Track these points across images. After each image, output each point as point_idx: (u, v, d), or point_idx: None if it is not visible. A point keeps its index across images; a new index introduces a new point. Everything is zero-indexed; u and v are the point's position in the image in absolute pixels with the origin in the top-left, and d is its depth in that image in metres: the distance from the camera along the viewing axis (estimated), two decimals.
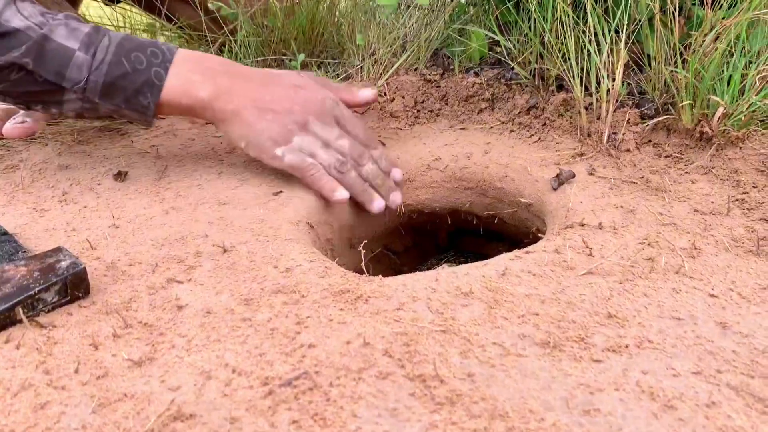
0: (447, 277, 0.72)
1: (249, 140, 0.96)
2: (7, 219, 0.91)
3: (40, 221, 0.91)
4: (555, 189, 0.91)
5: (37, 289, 0.67)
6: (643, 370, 0.57)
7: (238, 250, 0.81)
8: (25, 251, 0.77)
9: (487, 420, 0.52)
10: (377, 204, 0.99)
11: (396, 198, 1.01)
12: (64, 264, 0.71)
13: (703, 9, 0.94)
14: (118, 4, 1.62)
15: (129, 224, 0.89)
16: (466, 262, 1.16)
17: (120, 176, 1.03)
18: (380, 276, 0.75)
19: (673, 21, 0.94)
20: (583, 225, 0.81)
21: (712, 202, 0.83)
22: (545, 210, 0.92)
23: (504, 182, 1.01)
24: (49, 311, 0.68)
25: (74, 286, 0.70)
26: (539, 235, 0.95)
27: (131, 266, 0.79)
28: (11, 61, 0.88)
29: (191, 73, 0.94)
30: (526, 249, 0.78)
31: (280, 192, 0.97)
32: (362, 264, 0.77)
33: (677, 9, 0.93)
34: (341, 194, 0.95)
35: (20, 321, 0.66)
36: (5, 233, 0.80)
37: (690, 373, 0.57)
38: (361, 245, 0.80)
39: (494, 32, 1.12)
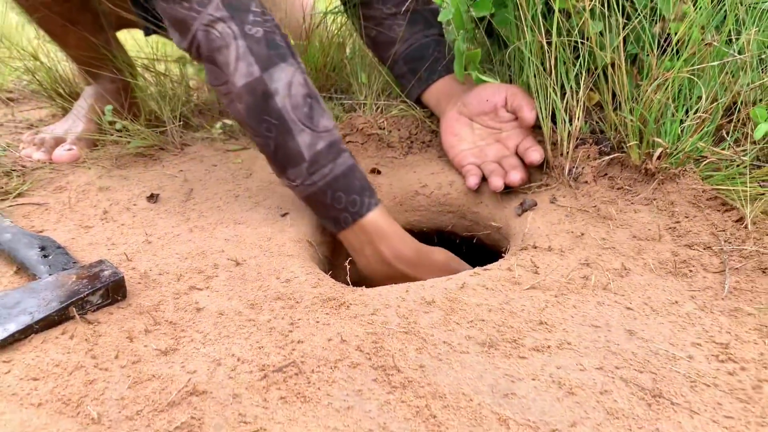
0: (415, 288, 0.88)
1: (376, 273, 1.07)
2: (59, 234, 1.09)
3: (85, 236, 1.09)
4: (519, 215, 1.07)
5: (85, 293, 0.85)
6: (557, 365, 0.72)
7: (249, 263, 0.98)
8: (75, 262, 0.95)
9: (428, 400, 0.68)
10: None
11: None
12: (106, 273, 0.88)
13: (650, 56, 1.09)
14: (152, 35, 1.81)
15: (159, 240, 1.07)
16: None
17: (152, 198, 1.21)
18: (363, 287, 0.91)
19: (629, 71, 1.09)
20: (536, 247, 0.96)
21: (649, 230, 0.98)
22: (510, 233, 1.08)
23: (479, 207, 1.16)
24: (94, 311, 0.86)
25: (114, 291, 0.87)
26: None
27: (160, 275, 0.96)
28: (250, 125, 1.02)
29: (362, 245, 1.05)
30: (484, 267, 0.93)
31: (287, 213, 1.13)
32: (347, 277, 0.93)
33: (627, 61, 1.08)
34: None
35: (73, 317, 0.83)
36: (59, 247, 0.98)
37: (594, 368, 0.72)
38: (347, 261, 0.96)
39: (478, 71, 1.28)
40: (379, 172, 1.28)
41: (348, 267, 0.95)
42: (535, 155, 1.12)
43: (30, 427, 0.66)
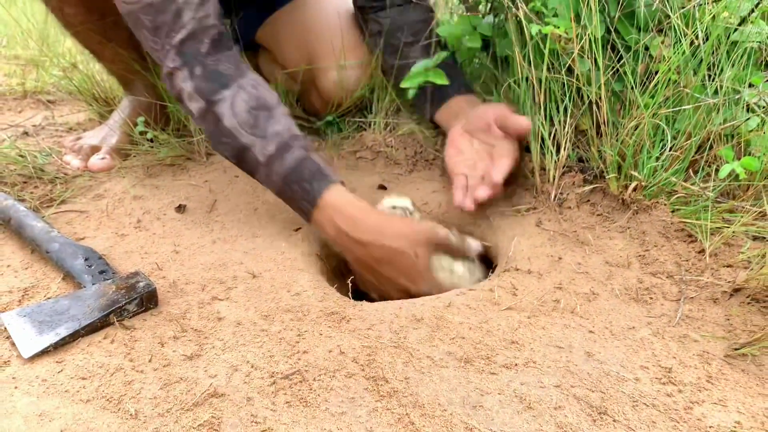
0: (408, 306, 1.01)
1: (362, 282, 1.19)
2: (98, 241, 1.24)
3: (121, 244, 1.23)
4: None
5: (123, 302, 0.99)
6: (521, 381, 0.85)
7: (264, 276, 1.11)
8: (114, 272, 1.09)
9: (409, 408, 0.81)
10: None
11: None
12: (141, 284, 1.02)
13: (634, 94, 1.19)
14: None
15: (186, 250, 1.20)
16: None
17: (180, 209, 1.34)
18: (363, 301, 1.04)
19: (613, 107, 1.20)
20: (517, 269, 1.09)
21: (620, 256, 1.09)
22: (499, 253, 1.20)
23: (473, 228, 1.28)
24: (131, 318, 1.00)
25: (148, 300, 1.01)
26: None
27: (187, 285, 1.10)
28: (218, 147, 1.21)
29: (328, 221, 1.15)
30: (470, 288, 1.06)
31: (299, 228, 1.27)
32: (349, 293, 1.06)
33: (612, 99, 1.19)
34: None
35: (113, 324, 0.98)
36: (100, 257, 1.12)
37: (552, 386, 0.84)
38: (349, 279, 1.09)
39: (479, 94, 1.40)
40: (385, 188, 1.40)
41: (350, 284, 1.07)
42: (496, 174, 1.21)
43: (81, 420, 0.80)
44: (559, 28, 1.16)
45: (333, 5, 1.65)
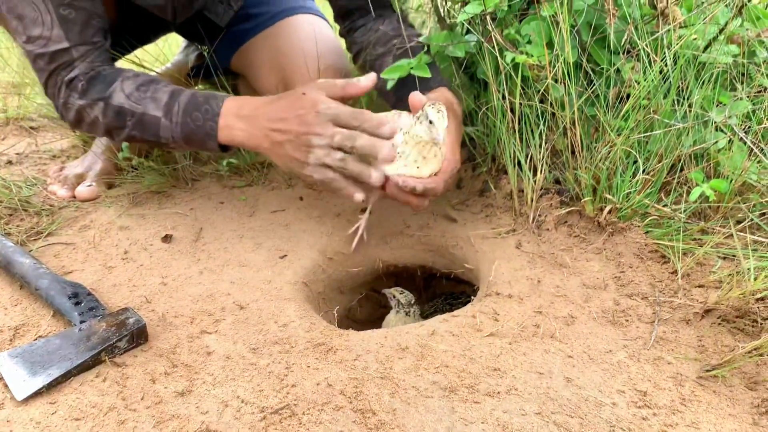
0: (393, 335, 1.04)
1: (282, 166, 1.24)
2: (86, 275, 1.25)
3: (109, 277, 1.25)
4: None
5: (114, 339, 1.01)
6: (504, 409, 0.88)
7: (251, 307, 1.13)
8: (103, 308, 1.11)
9: None
10: (358, 196, 1.19)
11: (376, 175, 1.17)
12: (131, 320, 1.04)
13: (606, 118, 1.23)
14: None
15: (174, 282, 1.22)
16: (453, 305, 1.46)
17: (167, 239, 1.36)
18: (348, 331, 1.07)
19: (586, 131, 1.23)
20: (498, 294, 1.12)
21: (597, 278, 1.13)
22: (480, 276, 1.23)
23: (455, 249, 1.32)
24: (122, 354, 1.02)
25: (138, 336, 1.03)
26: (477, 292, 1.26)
27: (176, 318, 1.12)
28: (127, 134, 1.32)
29: (233, 122, 1.25)
30: (453, 314, 1.09)
31: (285, 255, 1.29)
32: (335, 322, 1.09)
33: (586, 124, 1.23)
34: (359, 196, 1.18)
35: (104, 361, 1.00)
36: (89, 293, 1.14)
37: (533, 413, 0.87)
38: (335, 309, 1.12)
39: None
40: (369, 211, 1.43)
41: (336, 314, 1.10)
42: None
43: None
44: (532, 57, 1.19)
45: (307, 31, 1.67)
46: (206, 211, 1.47)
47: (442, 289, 1.62)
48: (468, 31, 1.58)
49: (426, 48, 1.48)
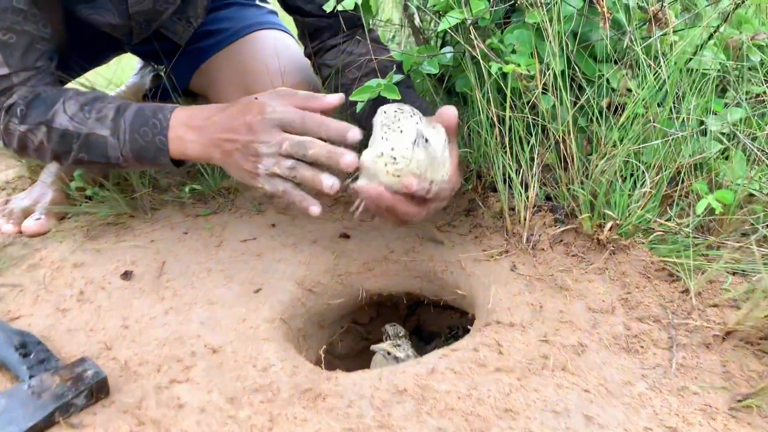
0: (388, 375, 0.93)
1: (237, 177, 1.13)
2: (36, 320, 1.12)
3: (62, 321, 1.12)
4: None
5: (70, 396, 0.88)
6: None
7: (225, 350, 1.02)
8: (56, 360, 0.98)
9: None
10: (314, 209, 1.07)
11: (328, 182, 1.03)
12: (89, 373, 0.92)
13: (600, 129, 1.16)
14: None
15: (136, 324, 1.10)
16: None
17: (126, 276, 1.23)
18: (337, 372, 0.96)
19: (579, 144, 1.16)
20: (499, 323, 1.02)
21: (603, 301, 1.04)
22: (475, 303, 1.14)
23: (445, 274, 1.22)
24: (79, 413, 0.89)
25: (98, 391, 0.91)
26: (473, 319, 1.16)
27: (140, 366, 0.99)
28: (74, 157, 1.21)
29: (184, 134, 1.15)
30: (452, 347, 0.99)
31: (260, 289, 1.18)
32: (322, 365, 0.98)
33: (578, 135, 1.15)
34: (315, 209, 1.06)
35: (58, 423, 0.87)
36: (39, 342, 1.01)
37: None
38: (321, 349, 1.01)
39: None
40: (348, 237, 1.33)
41: (323, 354, 0.99)
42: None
43: None
44: (520, 66, 1.11)
45: (270, 48, 1.57)
46: (169, 242, 1.35)
47: (426, 316, 1.52)
48: (443, 44, 1.51)
49: (396, 67, 1.39)
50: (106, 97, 1.24)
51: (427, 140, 0.99)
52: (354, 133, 1.05)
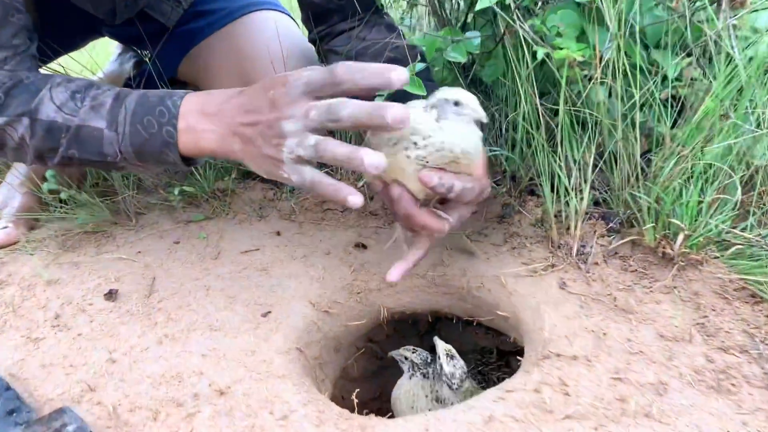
0: (435, 423, 0.78)
1: (261, 172, 0.92)
2: (3, 352, 0.94)
3: (35, 354, 0.94)
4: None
5: None
6: None
7: (234, 392, 0.85)
8: (28, 411, 0.80)
9: None
10: (354, 199, 0.85)
11: (373, 159, 0.82)
12: (70, 429, 0.74)
13: (662, 126, 1.01)
14: None
15: (125, 357, 0.93)
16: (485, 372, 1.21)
17: (110, 296, 1.06)
18: (372, 419, 0.80)
19: (639, 141, 1.01)
20: (559, 355, 0.87)
21: (676, 326, 0.90)
22: (521, 327, 0.98)
23: (481, 292, 1.06)
24: None
25: None
26: (516, 345, 1.01)
27: (132, 412, 0.83)
28: (62, 155, 1.00)
29: (197, 123, 0.95)
30: (507, 387, 0.84)
31: (269, 312, 1.01)
32: (355, 411, 0.82)
33: (638, 132, 1.00)
34: (355, 199, 0.84)
35: None
36: (8, 388, 0.83)
37: None
38: (354, 394, 0.85)
39: None
40: (365, 247, 1.16)
41: (355, 399, 0.83)
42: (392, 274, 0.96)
43: None
44: (575, 52, 0.96)
45: (270, 30, 1.39)
46: (158, 254, 1.17)
47: (447, 331, 1.37)
48: (464, 28, 1.35)
49: (415, 57, 1.22)
50: (102, 84, 1.04)
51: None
52: (401, 72, 0.81)
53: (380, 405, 1.34)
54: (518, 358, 0.97)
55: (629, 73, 0.99)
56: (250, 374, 0.88)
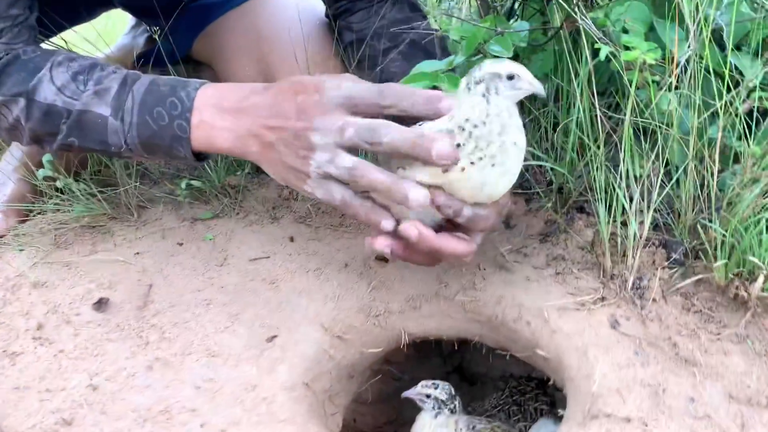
0: None
1: (279, 179, 0.85)
2: None
3: (10, 372, 0.84)
4: None
5: None
6: None
7: None
8: None
9: None
10: (387, 224, 0.80)
11: (417, 194, 0.76)
12: None
13: (742, 144, 0.86)
14: None
15: (109, 383, 0.82)
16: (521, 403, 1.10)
17: (100, 305, 0.95)
18: None
19: (710, 158, 0.86)
20: (609, 416, 0.74)
21: (749, 386, 0.76)
22: (565, 373, 0.85)
23: (518, 324, 0.93)
24: None
25: None
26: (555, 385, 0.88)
27: None
28: (61, 142, 0.93)
29: (213, 119, 0.87)
30: None
31: (275, 336, 0.89)
32: None
33: (715, 148, 0.85)
34: (388, 224, 0.80)
35: None
36: None
37: None
38: None
39: None
40: (387, 260, 1.03)
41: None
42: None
43: None
44: (647, 53, 0.81)
45: (291, 8, 1.26)
46: (158, 257, 1.06)
47: (471, 355, 1.24)
48: (509, 17, 1.20)
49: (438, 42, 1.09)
50: (108, 65, 0.96)
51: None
52: (450, 102, 0.77)
53: (396, 429, 1.22)
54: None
55: (706, 79, 0.85)
56: (249, 416, 0.77)
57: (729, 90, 0.85)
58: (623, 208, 0.88)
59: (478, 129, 0.74)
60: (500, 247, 1.01)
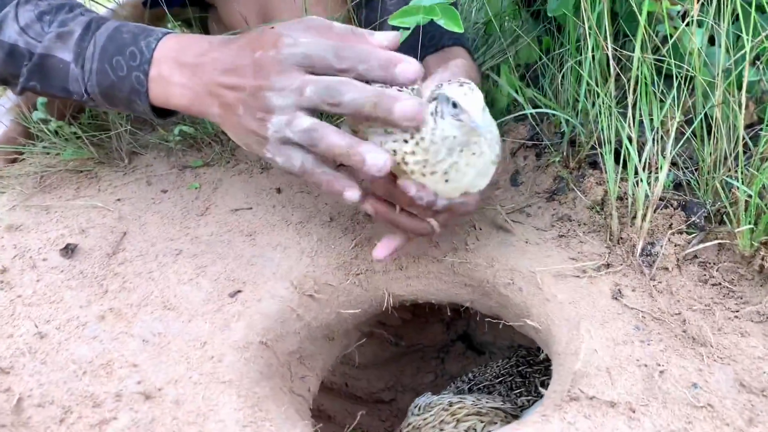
0: None
1: (243, 145, 0.78)
2: None
3: None
4: None
5: None
6: None
7: (163, 397, 0.67)
8: None
9: None
10: (351, 194, 0.73)
11: (376, 158, 0.68)
12: None
13: None
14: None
15: (57, 332, 0.77)
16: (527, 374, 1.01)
17: (67, 251, 0.90)
18: None
19: (739, 105, 0.73)
20: (591, 398, 0.64)
21: (765, 373, 0.64)
22: (552, 346, 0.75)
23: (510, 290, 0.83)
24: None
25: None
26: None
27: (39, 408, 0.67)
28: (23, 86, 0.87)
29: (170, 73, 0.80)
30: (516, 427, 0.61)
31: (239, 291, 0.82)
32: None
33: (745, 93, 0.72)
34: (351, 194, 0.73)
35: None
36: None
37: None
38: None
39: (517, 86, 0.92)
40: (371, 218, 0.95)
41: None
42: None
43: None
44: None
45: None
46: (139, 204, 1.00)
47: (480, 324, 1.14)
48: None
49: None
50: (78, 5, 0.89)
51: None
52: (407, 67, 0.69)
53: (393, 395, 1.14)
54: None
55: (739, 13, 0.71)
56: (191, 374, 0.70)
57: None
58: (635, 161, 0.77)
59: (429, 144, 0.67)
60: (501, 205, 0.91)
